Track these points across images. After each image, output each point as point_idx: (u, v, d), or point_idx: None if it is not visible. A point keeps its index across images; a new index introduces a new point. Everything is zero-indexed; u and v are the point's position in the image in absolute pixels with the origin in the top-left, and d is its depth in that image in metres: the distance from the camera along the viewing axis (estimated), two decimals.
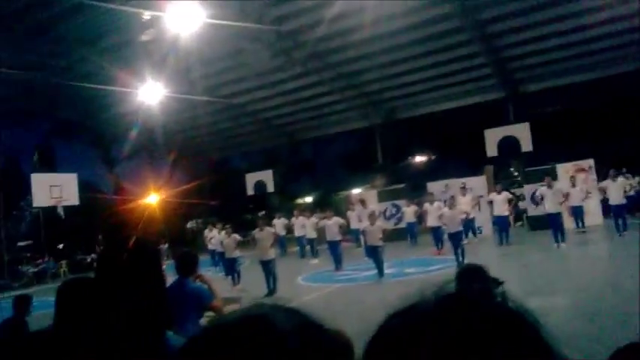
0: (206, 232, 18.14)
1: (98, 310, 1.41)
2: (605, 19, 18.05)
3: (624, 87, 24.36)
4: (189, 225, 33.25)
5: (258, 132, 29.16)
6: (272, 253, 11.48)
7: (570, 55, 20.80)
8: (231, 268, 13.16)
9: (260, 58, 19.74)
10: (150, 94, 19.72)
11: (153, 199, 28.79)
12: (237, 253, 13.08)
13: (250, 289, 11.88)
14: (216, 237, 15.98)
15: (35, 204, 18.97)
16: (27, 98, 21.69)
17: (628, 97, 25.36)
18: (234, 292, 11.53)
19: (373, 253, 11.88)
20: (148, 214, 28.18)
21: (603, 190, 15.28)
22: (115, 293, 1.43)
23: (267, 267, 11.29)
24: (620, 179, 15.19)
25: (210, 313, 4.58)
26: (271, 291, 11.17)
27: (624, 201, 14.64)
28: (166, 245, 23.94)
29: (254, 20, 17.35)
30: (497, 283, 2.93)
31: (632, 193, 17.49)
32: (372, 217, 12.42)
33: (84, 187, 24.03)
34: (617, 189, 14.53)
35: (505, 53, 21.03)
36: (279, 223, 19.24)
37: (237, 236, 13.42)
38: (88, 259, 24.49)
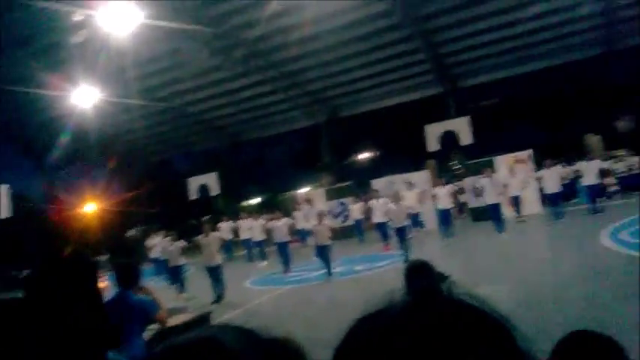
0: (148, 239, 17.48)
1: (28, 334, 1.27)
2: (536, 14, 18.77)
3: (559, 78, 25.60)
4: (129, 234, 32.11)
5: (200, 133, 28.57)
6: (218, 259, 11.18)
7: (505, 49, 21.58)
8: (175, 276, 12.66)
9: (198, 58, 19.26)
10: (84, 97, 18.82)
11: (90, 208, 27.67)
12: (181, 261, 12.63)
13: (197, 296, 11.51)
14: (159, 244, 15.42)
15: None
16: None
17: (563, 88, 26.67)
18: (180, 301, 11.13)
19: (322, 252, 11.80)
20: (84, 224, 27.06)
21: (540, 180, 15.86)
22: (46, 314, 1.29)
23: (214, 273, 11.02)
24: (556, 168, 15.81)
25: (153, 326, 4.34)
26: (219, 297, 10.89)
27: (560, 189, 15.24)
28: (106, 256, 23.04)
29: (190, 19, 16.87)
30: (443, 277, 2.90)
31: (567, 181, 18.28)
32: (320, 216, 12.38)
33: (16, 198, 22.73)
34: (553, 178, 15.12)
35: (443, 49, 21.52)
36: (225, 227, 18.85)
37: (182, 242, 12.97)
38: (21, 276, 23.16)
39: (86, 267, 1.46)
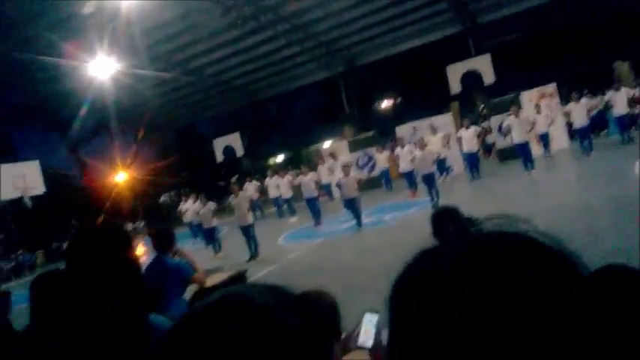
0: (180, 204, 17.82)
1: (73, 302, 1.35)
2: None
3: (578, 9, 24.49)
4: (162, 199, 32.83)
5: (219, 95, 28.53)
6: (250, 218, 11.31)
7: None
8: (210, 237, 13.05)
9: (209, 19, 18.98)
10: (101, 68, 18.91)
11: (121, 177, 28.25)
12: (215, 222, 12.96)
13: (232, 255, 11.84)
14: (190, 208, 15.74)
15: (1, 197, 18.29)
16: None
17: (583, 19, 25.54)
18: (216, 261, 11.46)
19: (351, 204, 11.83)
20: (117, 194, 27.73)
21: (568, 114, 15.47)
22: (87, 282, 1.36)
23: (247, 232, 11.19)
24: (583, 100, 15.37)
25: (193, 287, 4.53)
26: (253, 255, 11.14)
27: (588, 122, 14.85)
28: (142, 223, 23.75)
29: None
30: (473, 222, 2.89)
31: (594, 113, 17.79)
32: (345, 168, 12.32)
33: (48, 173, 23.34)
34: (581, 111, 14.72)
35: None
36: (251, 187, 19.09)
37: (212, 204, 13.23)
38: (65, 247, 24.06)
39: (120, 235, 1.52)
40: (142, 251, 10.94)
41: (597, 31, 25.09)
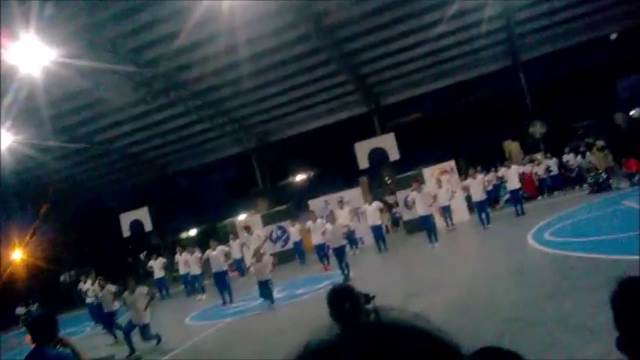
0: (80, 284, 16.55)
1: None
2: (445, 32, 19.81)
3: (475, 90, 27.00)
4: (62, 279, 30.42)
5: (127, 169, 27.72)
6: (147, 317, 10.17)
7: (421, 67, 22.65)
8: (109, 322, 12.01)
9: (119, 92, 18.74)
10: None
11: (17, 255, 26.06)
12: (115, 305, 11.92)
13: (136, 341, 10.95)
14: (90, 289, 14.67)
15: None
16: None
17: (479, 99, 28.09)
18: (114, 347, 10.61)
19: (265, 286, 11.47)
20: (10, 273, 25.41)
21: (467, 188, 16.55)
22: None
23: (144, 332, 10.12)
24: (480, 176, 16.57)
25: None
26: (158, 341, 10.35)
27: (485, 196, 15.96)
28: (36, 305, 21.72)
29: (108, 54, 16.43)
30: (368, 298, 2.95)
31: (490, 187, 19.20)
32: (256, 254, 11.94)
33: None
34: (478, 186, 15.80)
35: (362, 70, 22.23)
36: (157, 264, 18.26)
37: (111, 287, 12.19)
38: None
39: None
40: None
41: (488, 112, 27.59)
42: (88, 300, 15.48)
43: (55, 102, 17.91)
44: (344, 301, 2.66)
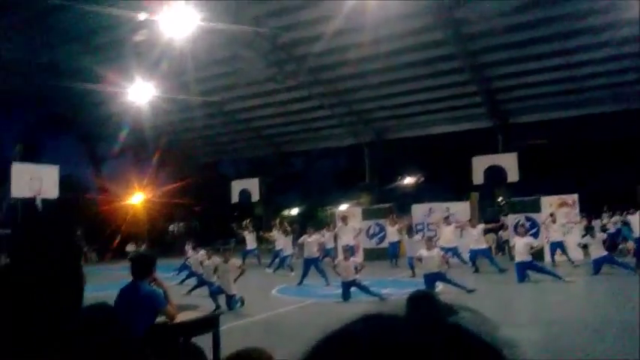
0: (187, 249, 17.13)
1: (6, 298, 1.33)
2: (595, 59, 18.37)
3: (612, 125, 24.81)
4: (170, 228, 32.95)
5: (247, 140, 29.11)
6: (234, 288, 10.54)
7: (558, 91, 21.24)
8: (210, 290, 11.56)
9: (253, 67, 19.74)
10: (140, 94, 19.59)
11: (137, 198, 28.57)
12: (214, 278, 11.59)
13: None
14: (193, 257, 15.15)
15: (13, 194, 18.61)
16: (13, 88, 21.39)
17: (616, 136, 25.81)
18: (186, 298, 11.20)
19: (347, 288, 11.24)
20: (130, 214, 27.97)
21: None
22: (22, 280, 1.33)
23: (229, 302, 10.44)
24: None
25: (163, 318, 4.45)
26: (242, 303, 10.82)
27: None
28: (144, 246, 23.72)
29: (250, 28, 17.35)
30: (451, 311, 2.83)
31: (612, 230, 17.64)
32: (345, 252, 11.90)
33: (65, 181, 23.72)
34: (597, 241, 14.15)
35: (495, 84, 21.32)
36: (251, 236, 19.08)
37: (217, 260, 11.86)
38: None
39: (67, 244, 1.51)
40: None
41: (625, 151, 25.24)
42: (192, 268, 15.20)
43: (196, 66, 19.22)
44: (422, 306, 2.58)
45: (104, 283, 9.32)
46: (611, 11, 15.91)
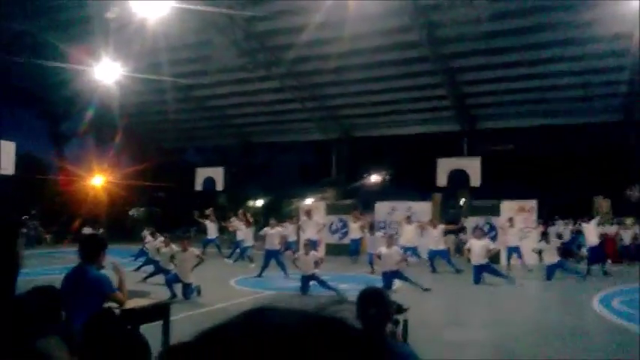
0: (145, 235, 16.83)
1: None
2: (563, 71, 18.86)
3: (576, 136, 25.58)
4: (131, 212, 32.26)
5: (215, 128, 28.73)
6: (191, 277, 10.52)
7: (526, 100, 21.76)
8: (165, 278, 11.47)
9: (225, 54, 19.46)
10: (107, 72, 19.02)
11: (97, 180, 27.88)
12: (171, 266, 11.71)
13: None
14: (150, 242, 14.92)
15: None
16: None
17: (577, 147, 26.62)
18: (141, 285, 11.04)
19: (306, 281, 11.33)
20: (89, 196, 27.27)
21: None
22: None
23: (185, 290, 10.39)
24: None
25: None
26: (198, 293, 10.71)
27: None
28: (101, 230, 23.12)
29: (224, 15, 17.11)
30: (401, 309, 2.86)
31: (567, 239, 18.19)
32: (306, 247, 11.91)
33: (24, 158, 22.93)
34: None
35: (465, 89, 21.67)
36: (213, 225, 18.86)
37: (174, 247, 11.82)
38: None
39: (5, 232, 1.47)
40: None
41: (585, 162, 26.08)
42: (150, 255, 15.06)
43: (168, 49, 18.82)
44: (371, 304, 2.58)
45: (58, 266, 9.06)
46: (581, 26, 16.38)
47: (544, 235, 14.74)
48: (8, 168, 18.16)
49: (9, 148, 18.46)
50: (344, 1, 15.29)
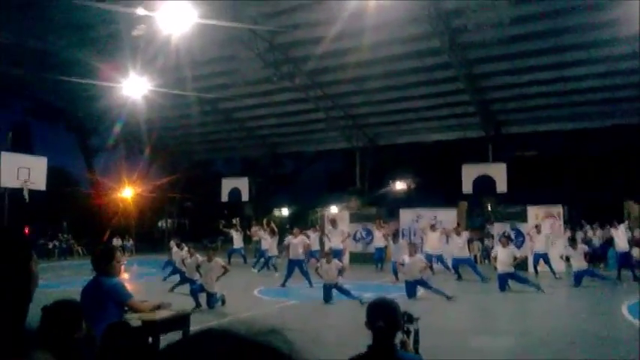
0: (172, 246, 17.12)
1: None
2: (588, 75, 18.56)
3: (603, 140, 25.02)
4: (159, 224, 32.87)
5: (241, 139, 29.08)
6: (215, 287, 10.64)
7: (551, 104, 21.44)
8: (191, 288, 11.56)
9: (250, 67, 19.76)
10: (135, 88, 19.52)
11: (127, 193, 28.50)
12: (196, 276, 11.99)
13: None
14: (176, 254, 15.17)
15: (2, 183, 18.44)
16: (5, 74, 21.26)
17: (606, 150, 26.04)
18: (170, 296, 11.22)
19: (328, 290, 11.29)
20: (120, 209, 27.88)
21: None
22: None
23: (209, 299, 10.52)
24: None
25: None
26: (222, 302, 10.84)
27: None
28: (131, 241, 23.64)
29: (248, 27, 17.40)
30: (412, 318, 2.88)
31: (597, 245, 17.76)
32: (327, 255, 11.97)
33: (55, 172, 23.59)
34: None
35: (489, 94, 21.48)
36: (239, 235, 19.06)
37: (199, 258, 11.97)
38: (50, 246, 24.09)
39: (19, 252, 1.56)
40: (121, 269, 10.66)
41: (614, 166, 25.47)
42: (176, 265, 14.99)
43: (194, 64, 19.22)
44: (379, 316, 2.61)
45: (88, 277, 9.31)
46: (606, 27, 16.10)
47: (571, 241, 14.43)
48: (40, 184, 18.70)
49: (41, 163, 19.04)
50: (364, 8, 15.33)
